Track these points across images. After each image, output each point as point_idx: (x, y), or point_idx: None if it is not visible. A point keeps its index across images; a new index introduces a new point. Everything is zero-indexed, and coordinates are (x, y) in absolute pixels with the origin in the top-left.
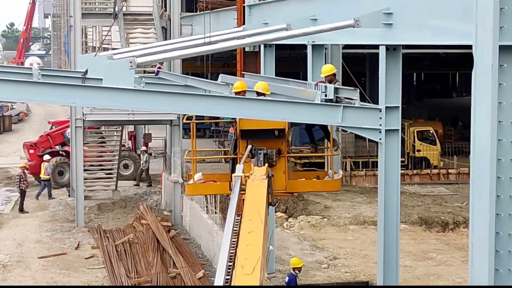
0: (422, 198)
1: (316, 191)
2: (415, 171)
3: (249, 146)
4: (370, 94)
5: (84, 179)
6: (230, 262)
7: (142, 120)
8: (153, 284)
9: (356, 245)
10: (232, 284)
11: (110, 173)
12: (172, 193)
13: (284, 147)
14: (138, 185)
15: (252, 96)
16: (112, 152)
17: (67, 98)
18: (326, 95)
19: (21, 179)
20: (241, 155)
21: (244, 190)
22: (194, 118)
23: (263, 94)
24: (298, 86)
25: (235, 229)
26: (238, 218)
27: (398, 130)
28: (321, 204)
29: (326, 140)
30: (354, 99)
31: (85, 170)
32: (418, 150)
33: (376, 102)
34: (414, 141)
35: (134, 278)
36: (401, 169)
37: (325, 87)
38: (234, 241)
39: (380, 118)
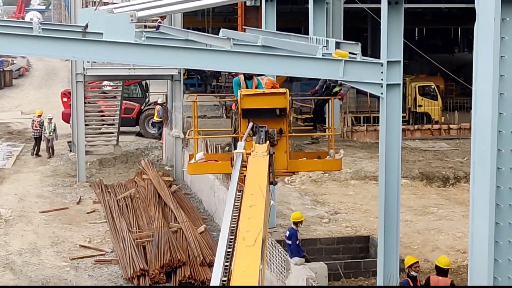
0: (423, 153)
1: (317, 170)
2: (416, 126)
3: (250, 124)
4: (371, 51)
5: (86, 134)
6: (232, 235)
7: (143, 75)
8: (155, 238)
9: (357, 200)
10: (234, 255)
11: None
12: (174, 148)
13: (286, 126)
14: (38, 154)
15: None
16: (113, 107)
17: (68, 52)
18: (327, 49)
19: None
20: (242, 134)
21: (246, 167)
22: (196, 97)
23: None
24: (299, 40)
25: (236, 204)
26: (239, 194)
27: (399, 84)
28: None
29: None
30: (356, 53)
31: (86, 125)
32: (420, 106)
33: (378, 59)
34: (415, 96)
35: (136, 232)
36: (402, 125)
37: (327, 41)
38: (236, 216)
39: (382, 72)
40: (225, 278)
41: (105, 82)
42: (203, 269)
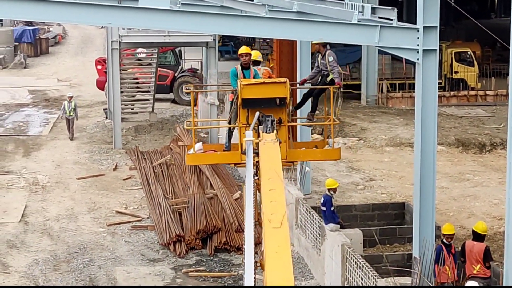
0: (459, 119)
1: (317, 160)
2: (452, 93)
3: (257, 113)
4: (407, 16)
5: (122, 101)
6: (255, 219)
7: (178, 42)
8: (191, 204)
9: (392, 166)
10: (263, 238)
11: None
12: (208, 115)
13: (285, 116)
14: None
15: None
16: (148, 74)
17: (103, 19)
18: (363, 15)
19: None
20: (241, 124)
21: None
22: (192, 87)
23: (259, 62)
24: (334, 6)
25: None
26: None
27: (435, 50)
28: (358, 126)
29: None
30: (392, 19)
31: (122, 92)
32: (456, 72)
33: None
34: (451, 63)
35: (172, 198)
36: (438, 91)
37: (362, 6)
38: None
39: (418, 38)
40: (255, 260)
41: (139, 49)
42: (238, 235)
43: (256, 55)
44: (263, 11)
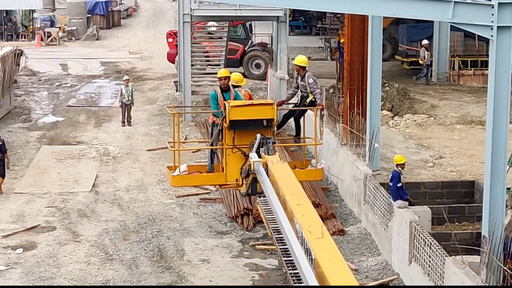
0: None
1: (300, 180)
2: None
3: (258, 136)
4: None
5: (192, 74)
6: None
7: (249, 16)
8: None
9: (462, 144)
10: (312, 250)
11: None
12: (278, 89)
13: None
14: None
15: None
16: (219, 48)
17: None
18: None
19: None
20: (227, 146)
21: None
22: (173, 108)
23: (239, 86)
24: None
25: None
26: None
27: (510, 27)
28: (428, 103)
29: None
30: None
31: (192, 65)
32: None
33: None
34: None
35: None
36: None
37: None
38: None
39: (492, 14)
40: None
41: (210, 23)
42: None
43: (235, 79)
44: None
